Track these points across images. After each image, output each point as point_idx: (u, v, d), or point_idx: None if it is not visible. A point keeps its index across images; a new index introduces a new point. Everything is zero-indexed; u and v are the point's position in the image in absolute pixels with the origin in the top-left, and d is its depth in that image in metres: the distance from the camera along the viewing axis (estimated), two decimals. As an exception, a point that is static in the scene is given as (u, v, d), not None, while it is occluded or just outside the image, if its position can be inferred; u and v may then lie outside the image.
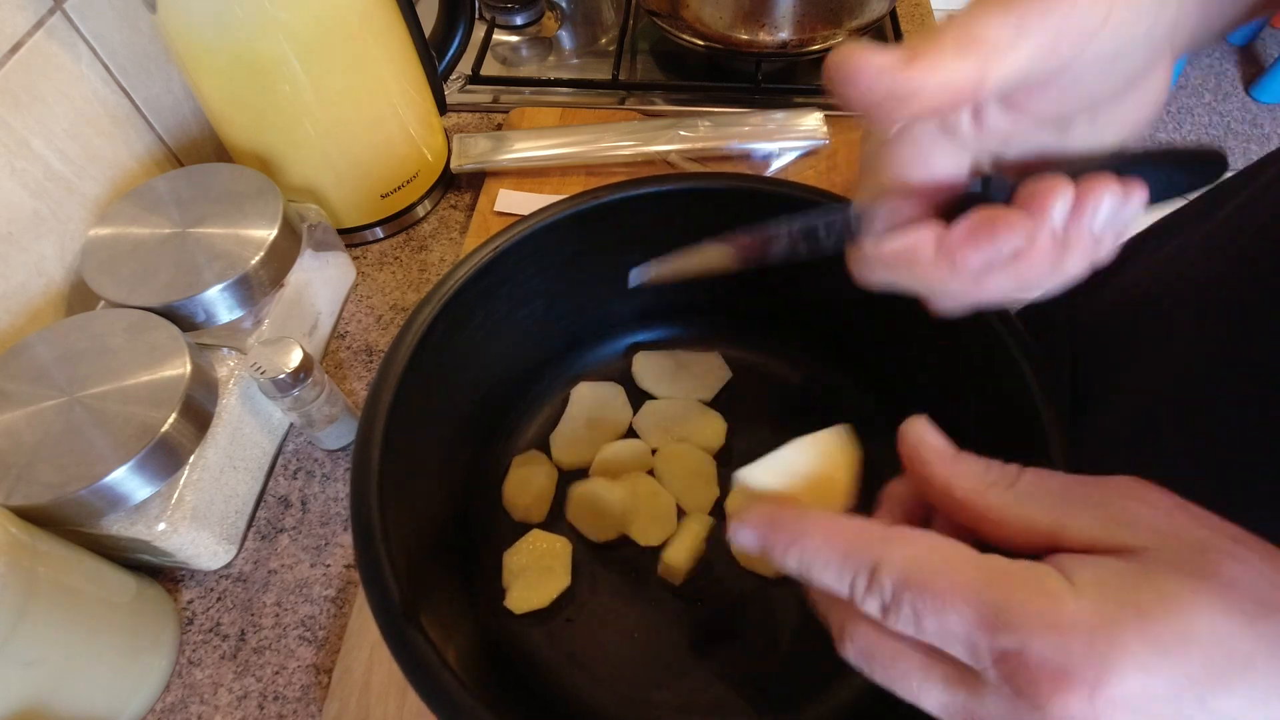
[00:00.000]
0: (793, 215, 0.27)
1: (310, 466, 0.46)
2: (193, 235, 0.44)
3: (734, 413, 0.45)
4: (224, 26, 0.43)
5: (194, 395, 0.38)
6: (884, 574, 0.19)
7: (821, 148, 0.59)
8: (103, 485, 0.35)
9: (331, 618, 0.41)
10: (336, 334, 0.53)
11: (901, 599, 0.19)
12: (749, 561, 0.40)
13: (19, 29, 0.42)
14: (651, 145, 0.58)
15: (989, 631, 0.18)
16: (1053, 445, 0.31)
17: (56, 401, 0.37)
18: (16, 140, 0.43)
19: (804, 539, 0.21)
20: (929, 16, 0.74)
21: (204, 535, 0.40)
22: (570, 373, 0.47)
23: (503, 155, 0.58)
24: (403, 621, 0.28)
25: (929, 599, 0.18)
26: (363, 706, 0.37)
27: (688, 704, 0.37)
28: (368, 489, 0.31)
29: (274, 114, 0.48)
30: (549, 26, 0.73)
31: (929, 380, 0.41)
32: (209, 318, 0.43)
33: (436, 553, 0.36)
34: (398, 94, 0.52)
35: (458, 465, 0.41)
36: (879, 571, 0.19)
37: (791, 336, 0.47)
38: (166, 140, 0.54)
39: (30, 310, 0.45)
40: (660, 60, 0.69)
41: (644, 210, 0.41)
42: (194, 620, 0.41)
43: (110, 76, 0.49)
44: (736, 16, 0.59)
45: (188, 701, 0.39)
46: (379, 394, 0.33)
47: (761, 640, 0.38)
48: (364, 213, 0.55)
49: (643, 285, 0.29)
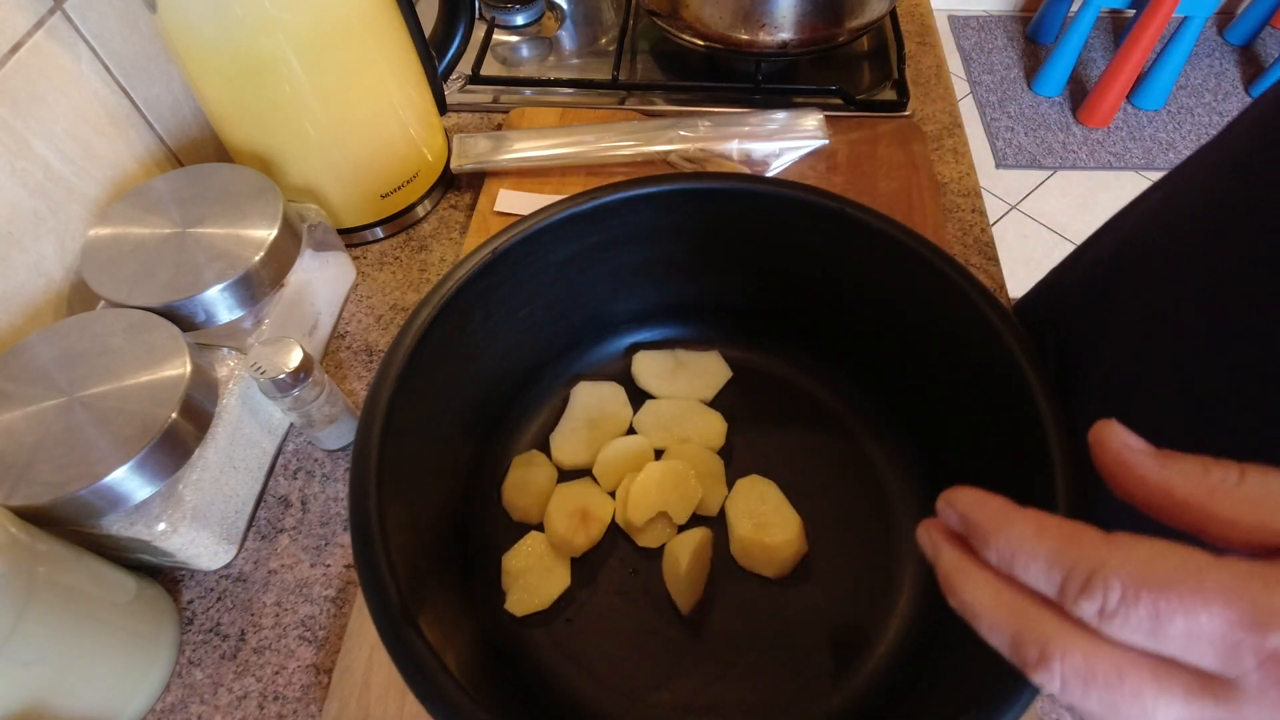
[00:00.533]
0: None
1: (310, 466, 0.46)
2: (193, 235, 0.44)
3: (734, 413, 0.45)
4: (224, 26, 0.43)
5: (194, 395, 0.38)
6: (1110, 574, 0.17)
7: (821, 148, 0.59)
8: (103, 485, 0.35)
9: (331, 618, 0.41)
10: (336, 334, 0.53)
11: (1138, 600, 0.17)
12: (749, 563, 0.40)
13: (19, 29, 0.42)
14: (651, 145, 0.58)
15: (1257, 630, 0.16)
16: (1052, 441, 0.31)
17: (56, 401, 0.37)
18: (16, 140, 0.43)
19: (1013, 525, 0.19)
20: (929, 16, 0.74)
21: (204, 535, 0.40)
22: (570, 373, 0.47)
23: (503, 155, 0.58)
24: (401, 623, 0.28)
25: (1175, 598, 0.16)
26: (363, 706, 0.37)
27: (688, 704, 0.37)
28: (367, 489, 0.31)
29: (274, 114, 0.48)
30: (549, 26, 0.72)
31: (929, 379, 0.41)
32: (209, 318, 0.43)
33: (436, 553, 0.36)
34: (398, 94, 0.52)
35: (458, 465, 0.41)
36: (1103, 571, 0.17)
37: (791, 336, 0.47)
38: (166, 140, 0.54)
39: (30, 310, 0.45)
40: (660, 60, 0.69)
41: (644, 210, 0.41)
42: (194, 620, 0.41)
43: (110, 76, 0.49)
44: (736, 16, 0.58)
45: (188, 701, 0.39)
46: (379, 394, 0.33)
47: (762, 641, 0.38)
48: (364, 213, 0.55)
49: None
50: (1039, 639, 0.18)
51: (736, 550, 0.40)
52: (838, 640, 0.38)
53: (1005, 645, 0.19)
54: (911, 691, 0.35)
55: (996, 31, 2.23)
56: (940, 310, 0.38)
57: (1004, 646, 0.19)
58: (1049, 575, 0.18)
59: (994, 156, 1.92)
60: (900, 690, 0.36)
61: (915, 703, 0.34)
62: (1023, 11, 2.28)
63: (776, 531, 0.40)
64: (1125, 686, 0.17)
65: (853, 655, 0.38)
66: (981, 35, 2.22)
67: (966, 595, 0.20)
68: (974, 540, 0.20)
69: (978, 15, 2.28)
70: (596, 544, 0.41)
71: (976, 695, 0.26)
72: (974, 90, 2.08)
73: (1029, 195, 1.85)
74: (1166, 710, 0.17)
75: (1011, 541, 0.19)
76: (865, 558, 0.40)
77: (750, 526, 0.40)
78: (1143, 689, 0.17)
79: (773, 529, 0.40)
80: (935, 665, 0.35)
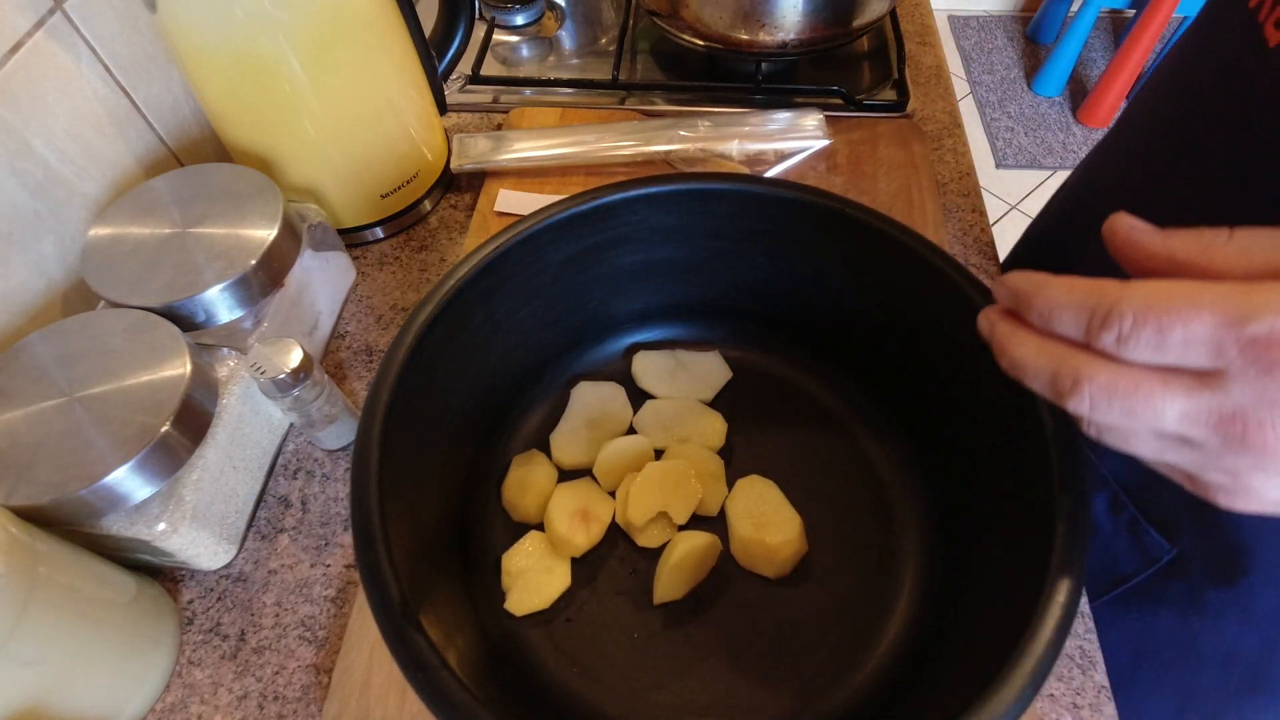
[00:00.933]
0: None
1: (310, 466, 0.46)
2: (193, 235, 0.44)
3: (734, 413, 0.45)
4: (224, 26, 0.43)
5: (194, 395, 0.38)
6: (1124, 307, 0.21)
7: (822, 148, 0.59)
8: (103, 485, 0.35)
9: (331, 618, 0.41)
10: (336, 334, 0.53)
11: (1146, 322, 0.20)
12: (750, 562, 0.40)
13: (19, 29, 0.42)
14: (651, 145, 0.58)
15: (1234, 325, 0.19)
16: (1051, 441, 0.31)
17: (56, 401, 0.37)
18: (17, 140, 0.43)
19: (1049, 286, 0.23)
20: (929, 16, 0.74)
21: (204, 535, 0.40)
22: (570, 373, 0.47)
23: (503, 155, 0.58)
24: (402, 621, 0.28)
25: (1173, 314, 0.20)
26: (363, 706, 0.37)
27: (687, 704, 0.37)
28: (368, 489, 0.31)
29: (274, 114, 0.48)
30: (549, 26, 0.73)
31: (929, 379, 0.41)
32: (209, 318, 0.43)
33: (436, 553, 0.36)
34: (398, 94, 0.52)
35: (458, 465, 0.41)
36: (1118, 307, 0.21)
37: (791, 336, 0.47)
38: (166, 140, 0.54)
39: (30, 310, 0.45)
40: (660, 60, 0.69)
41: (644, 210, 0.41)
42: (194, 620, 0.41)
43: (110, 76, 0.49)
44: (736, 16, 0.58)
45: (188, 701, 0.39)
46: (379, 394, 0.33)
47: (762, 641, 0.38)
48: (364, 213, 0.55)
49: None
50: (1071, 371, 0.22)
51: (736, 550, 0.40)
52: (838, 640, 0.38)
53: (1045, 385, 0.23)
54: (911, 691, 0.35)
55: (996, 31, 2.23)
56: (940, 310, 0.38)
57: (1045, 387, 0.23)
58: (1077, 320, 0.22)
59: (994, 156, 1.92)
60: (900, 690, 0.36)
61: (915, 703, 0.34)
62: (1023, 11, 2.28)
63: (776, 531, 0.40)
64: (1139, 393, 0.21)
65: (853, 655, 0.38)
66: (981, 35, 2.22)
67: (1015, 353, 0.24)
68: (1020, 307, 0.24)
69: (978, 15, 2.28)
70: (596, 544, 0.41)
71: (976, 695, 0.26)
72: (974, 90, 2.08)
73: (1029, 195, 1.85)
74: (1172, 405, 0.21)
75: (1047, 299, 0.23)
76: (865, 558, 0.40)
77: (750, 526, 0.40)
78: (1153, 392, 0.21)
79: (773, 529, 0.40)
80: (935, 665, 0.35)
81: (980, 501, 0.37)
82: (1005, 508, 0.35)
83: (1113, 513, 0.45)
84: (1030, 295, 0.23)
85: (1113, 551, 0.45)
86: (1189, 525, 0.42)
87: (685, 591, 0.39)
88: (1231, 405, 0.20)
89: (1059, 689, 0.38)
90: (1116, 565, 0.45)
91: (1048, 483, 0.30)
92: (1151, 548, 0.43)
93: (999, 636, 0.29)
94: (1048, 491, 0.30)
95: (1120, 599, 0.46)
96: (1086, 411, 0.22)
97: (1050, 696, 0.38)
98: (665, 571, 0.39)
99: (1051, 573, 0.28)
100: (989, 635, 0.31)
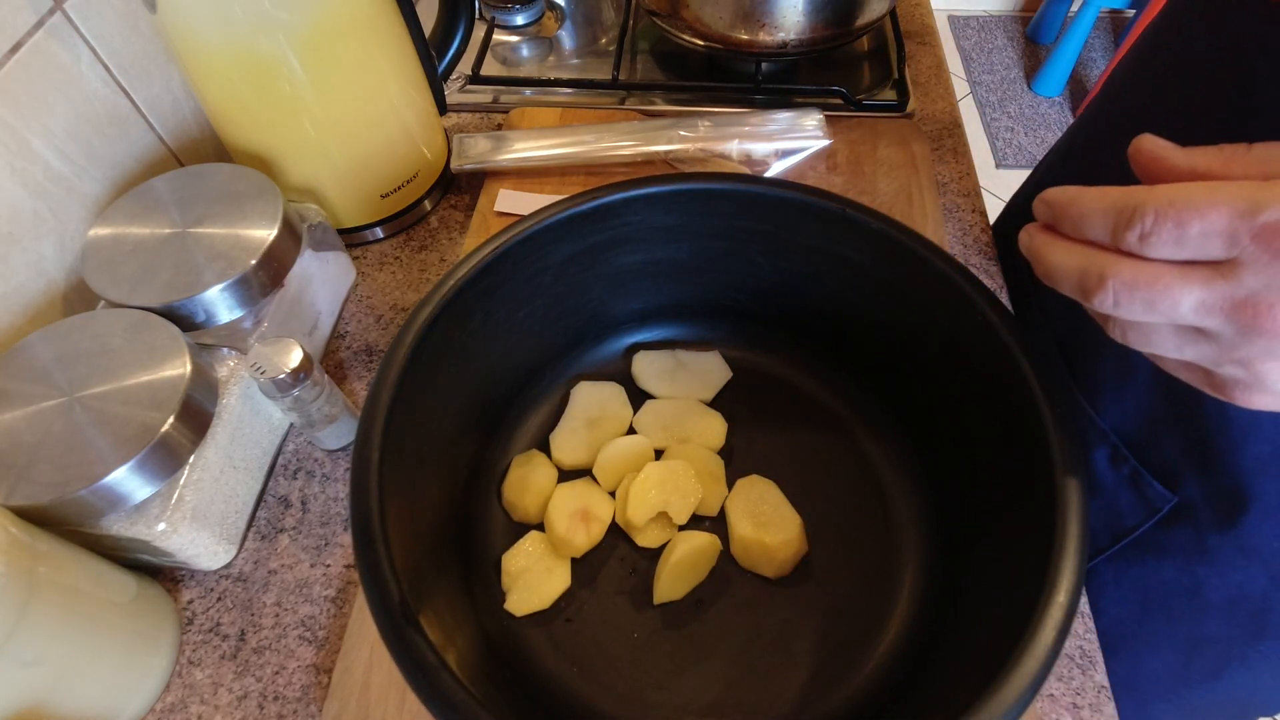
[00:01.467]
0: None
1: (310, 466, 0.46)
2: (193, 235, 0.44)
3: (734, 413, 0.45)
4: (224, 26, 0.43)
5: (194, 395, 0.38)
6: (1147, 207, 0.22)
7: (822, 148, 0.59)
8: (103, 485, 0.35)
9: (331, 618, 0.41)
10: (336, 334, 0.53)
11: (1166, 219, 0.21)
12: (750, 563, 0.40)
13: (19, 29, 0.42)
14: (651, 145, 0.58)
15: (1248, 216, 0.20)
16: (1052, 441, 0.31)
17: (56, 401, 0.37)
18: (16, 140, 0.43)
19: (1083, 195, 0.24)
20: (929, 16, 0.74)
21: (204, 535, 0.40)
22: (570, 373, 0.47)
23: (503, 155, 0.58)
24: (402, 622, 0.28)
25: (1192, 209, 0.21)
26: (363, 706, 0.37)
27: (687, 704, 0.37)
28: (368, 489, 0.31)
29: (274, 114, 0.48)
30: (549, 26, 0.73)
31: (929, 379, 0.41)
32: (209, 318, 0.43)
33: (436, 553, 0.36)
34: (398, 94, 0.52)
35: (458, 465, 0.41)
36: (1142, 207, 0.22)
37: (791, 336, 0.47)
38: (166, 140, 0.54)
39: (30, 310, 0.45)
40: (660, 60, 0.69)
41: (644, 210, 0.41)
42: (194, 620, 0.41)
43: (110, 76, 0.49)
44: (736, 16, 0.58)
45: (188, 701, 0.39)
46: (379, 394, 0.33)
47: (762, 641, 0.38)
48: (364, 213, 0.55)
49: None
50: (1097, 269, 0.23)
51: (736, 550, 0.40)
52: (838, 640, 0.38)
53: (1074, 285, 0.24)
54: (911, 691, 0.35)
55: (996, 31, 2.23)
56: (940, 310, 0.38)
57: (1073, 288, 0.24)
58: (1105, 222, 0.23)
59: (994, 156, 1.92)
60: (900, 690, 0.36)
61: (915, 703, 0.34)
62: (1023, 11, 2.28)
63: (776, 531, 0.40)
64: (1159, 285, 0.22)
65: (853, 655, 0.38)
66: (981, 35, 2.22)
67: (1048, 259, 0.25)
68: (1056, 218, 0.25)
69: (978, 15, 2.28)
70: (597, 544, 0.41)
71: (977, 695, 0.26)
72: (974, 90, 2.08)
73: (1029, 195, 1.84)
74: (1190, 295, 0.22)
75: (1079, 206, 0.24)
76: (865, 558, 0.40)
77: (750, 526, 0.40)
78: (1171, 284, 0.22)
79: (773, 529, 0.40)
80: (935, 665, 0.35)
81: (980, 501, 0.37)
82: (1005, 507, 0.35)
83: (1113, 466, 0.45)
84: (1065, 205, 0.24)
85: (1115, 506, 0.46)
86: (1189, 471, 0.42)
87: (685, 591, 0.39)
88: (1244, 291, 0.21)
89: (1059, 689, 0.38)
90: (1119, 519, 0.46)
91: (1048, 482, 0.30)
92: (1154, 498, 0.44)
93: (999, 636, 0.29)
94: (1048, 491, 0.30)
95: (1123, 553, 0.46)
96: (1111, 308, 0.23)
97: (1050, 696, 0.38)
98: (665, 571, 0.39)
99: (1052, 573, 0.28)
100: (989, 635, 0.31)
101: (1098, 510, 0.46)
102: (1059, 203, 0.25)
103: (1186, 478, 0.42)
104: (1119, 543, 0.46)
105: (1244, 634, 0.44)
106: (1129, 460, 0.45)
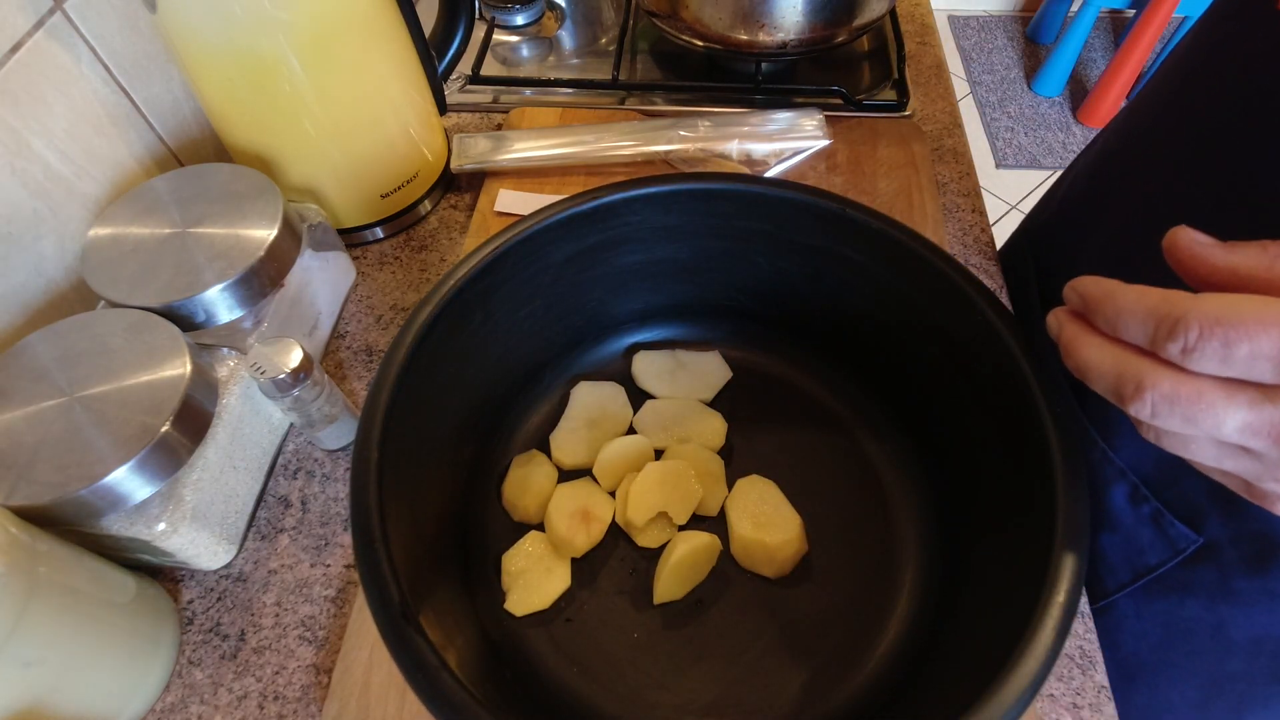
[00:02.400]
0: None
1: (310, 466, 0.46)
2: (193, 235, 0.44)
3: (734, 413, 0.45)
4: (224, 26, 0.43)
5: (194, 395, 0.38)
6: (1191, 318, 0.21)
7: (821, 148, 0.59)
8: (103, 485, 0.35)
9: (331, 618, 0.41)
10: (336, 334, 0.53)
11: (1212, 335, 0.20)
12: (750, 562, 0.40)
13: (19, 29, 0.42)
14: (651, 145, 0.58)
15: None
16: (1052, 441, 0.31)
17: (56, 401, 0.37)
18: (16, 140, 0.43)
19: (1120, 293, 0.23)
20: (929, 16, 0.74)
21: (204, 535, 0.40)
22: (570, 373, 0.47)
23: (503, 155, 0.58)
24: (402, 622, 0.28)
25: (1241, 330, 0.20)
26: (363, 706, 0.37)
27: (687, 704, 0.37)
28: (368, 489, 0.31)
29: (274, 114, 0.48)
30: (549, 26, 0.73)
31: (929, 379, 0.41)
32: (209, 318, 0.43)
33: (436, 553, 0.36)
34: (398, 94, 0.52)
35: (458, 465, 0.41)
36: (1185, 318, 0.21)
37: (791, 336, 0.47)
38: (166, 140, 0.54)
39: (30, 310, 0.45)
40: (660, 60, 0.69)
41: (644, 210, 0.41)
42: (194, 620, 0.41)
43: (110, 76, 0.49)
44: (736, 17, 0.58)
45: (188, 701, 0.39)
46: (379, 394, 0.33)
47: (762, 641, 0.38)
48: (364, 213, 0.55)
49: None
50: (1135, 376, 0.22)
51: (736, 550, 0.40)
52: (838, 640, 0.38)
53: (1109, 388, 0.23)
54: (911, 691, 0.35)
55: (996, 31, 2.23)
56: (940, 310, 0.38)
57: (1108, 390, 0.23)
58: (1144, 327, 0.22)
59: (994, 156, 1.92)
60: (900, 690, 0.36)
61: (915, 703, 0.34)
62: (1023, 11, 2.28)
63: (776, 531, 0.40)
64: (1202, 402, 0.21)
65: (853, 655, 0.38)
66: (981, 35, 2.22)
67: (1081, 354, 0.24)
68: (1089, 311, 0.24)
69: (978, 15, 2.28)
70: (597, 544, 0.41)
71: (977, 695, 0.26)
72: (974, 90, 2.08)
73: (1029, 195, 1.85)
74: (1234, 416, 0.21)
75: (1116, 305, 0.23)
76: (865, 558, 0.40)
77: (750, 526, 0.40)
78: (1215, 402, 0.21)
79: (773, 529, 0.40)
80: (935, 665, 0.35)
81: (980, 501, 0.37)
82: (1005, 507, 0.35)
83: (1133, 505, 0.44)
84: (1100, 300, 0.24)
85: (1137, 543, 0.45)
86: (1216, 514, 0.41)
87: (685, 591, 0.39)
88: None
89: (1059, 689, 0.38)
90: (1141, 556, 0.45)
91: (1048, 483, 0.30)
92: (1177, 538, 0.43)
93: (999, 637, 0.29)
94: (1048, 491, 0.30)
95: (1146, 589, 0.45)
96: (1148, 417, 0.22)
97: (1050, 696, 0.38)
98: (665, 571, 0.39)
99: (1051, 573, 0.28)
100: (989, 635, 0.31)
101: (1117, 545, 0.45)
102: (1094, 297, 0.24)
103: (1211, 519, 0.41)
104: (1140, 579, 0.45)
105: (1267, 676, 0.43)
106: (1149, 500, 0.44)
